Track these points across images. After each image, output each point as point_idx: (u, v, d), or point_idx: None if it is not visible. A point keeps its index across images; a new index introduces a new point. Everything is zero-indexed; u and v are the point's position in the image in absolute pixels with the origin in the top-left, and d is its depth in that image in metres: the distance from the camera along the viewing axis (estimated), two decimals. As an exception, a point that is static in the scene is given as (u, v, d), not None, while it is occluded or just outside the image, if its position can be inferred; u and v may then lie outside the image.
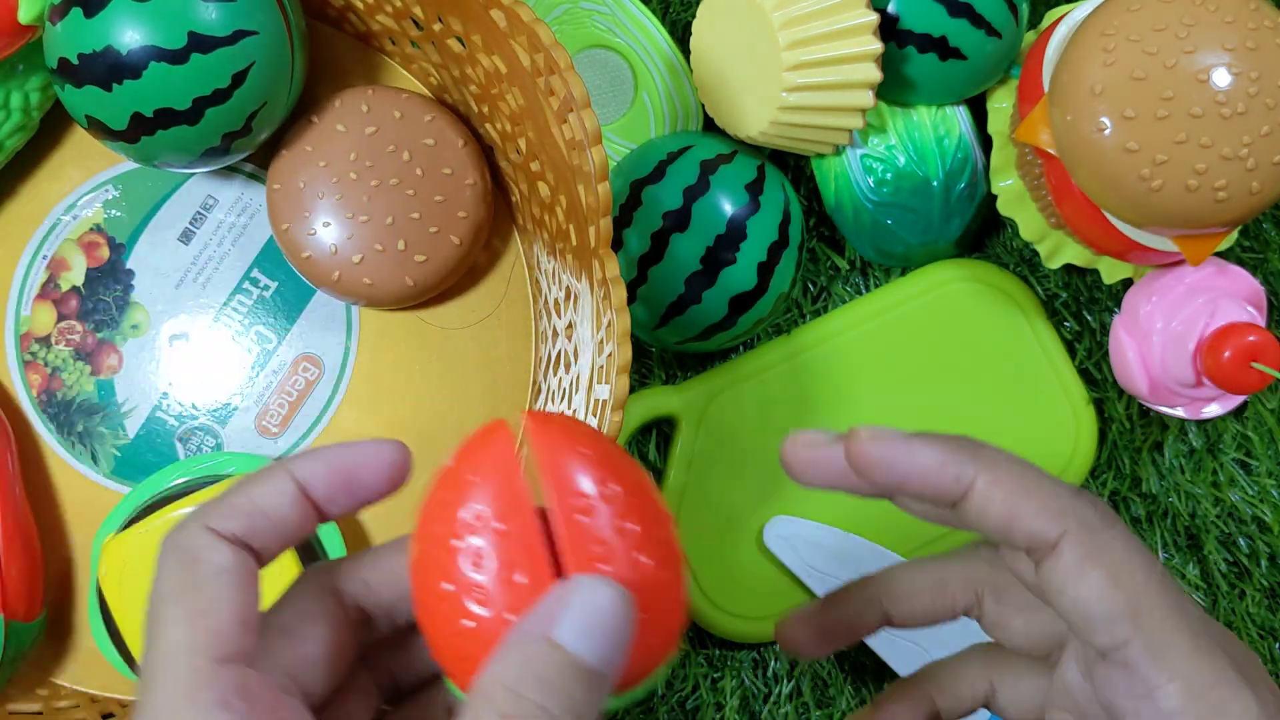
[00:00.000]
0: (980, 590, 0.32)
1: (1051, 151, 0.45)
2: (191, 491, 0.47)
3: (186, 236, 0.52)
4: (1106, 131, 0.41)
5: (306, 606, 0.27)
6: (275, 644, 0.26)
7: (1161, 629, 0.25)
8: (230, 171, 0.52)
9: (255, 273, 0.52)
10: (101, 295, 0.52)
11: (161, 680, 0.24)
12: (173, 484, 0.49)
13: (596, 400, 0.40)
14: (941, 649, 0.52)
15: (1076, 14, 0.47)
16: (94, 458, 0.51)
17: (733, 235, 0.48)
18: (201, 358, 0.52)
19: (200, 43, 0.42)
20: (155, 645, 0.24)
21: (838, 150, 0.51)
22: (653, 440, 0.54)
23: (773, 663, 0.53)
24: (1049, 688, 0.30)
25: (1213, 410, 0.52)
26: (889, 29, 0.48)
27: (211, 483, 0.47)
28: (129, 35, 0.42)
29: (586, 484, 0.24)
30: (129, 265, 0.52)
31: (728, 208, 0.48)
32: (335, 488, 0.26)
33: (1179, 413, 0.52)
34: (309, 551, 0.48)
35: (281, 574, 0.45)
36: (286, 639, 0.26)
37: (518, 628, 0.22)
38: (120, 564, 0.46)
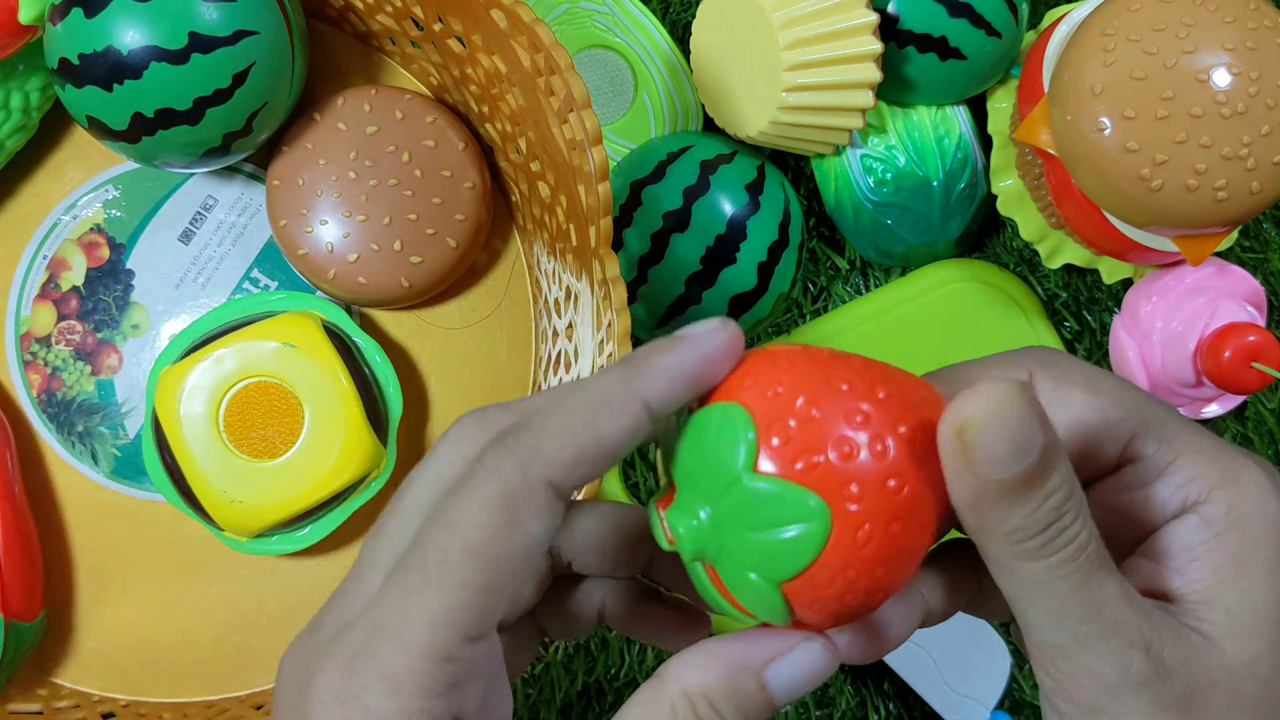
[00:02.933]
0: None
1: (1051, 151, 0.45)
2: (247, 323, 0.48)
3: (186, 236, 0.52)
4: (1106, 131, 0.41)
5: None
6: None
7: (1155, 416, 0.24)
8: (230, 171, 0.52)
9: (255, 273, 0.52)
10: (101, 295, 0.52)
11: (409, 640, 0.21)
12: (229, 320, 0.49)
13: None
14: (942, 650, 0.52)
15: (1076, 14, 0.47)
16: (94, 458, 0.51)
17: (733, 235, 0.48)
18: (201, 358, 0.52)
19: (201, 43, 0.43)
20: (422, 594, 0.21)
21: (838, 150, 0.51)
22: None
23: (773, 663, 0.53)
24: None
25: (1213, 410, 0.53)
26: (889, 29, 0.48)
27: (265, 317, 0.48)
28: (130, 35, 0.42)
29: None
30: (129, 265, 0.52)
31: (728, 208, 0.48)
32: (677, 401, 0.23)
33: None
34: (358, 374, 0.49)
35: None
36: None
37: (737, 649, 0.23)
38: (175, 393, 0.47)
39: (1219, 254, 0.52)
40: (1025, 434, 0.21)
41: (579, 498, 0.37)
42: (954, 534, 0.26)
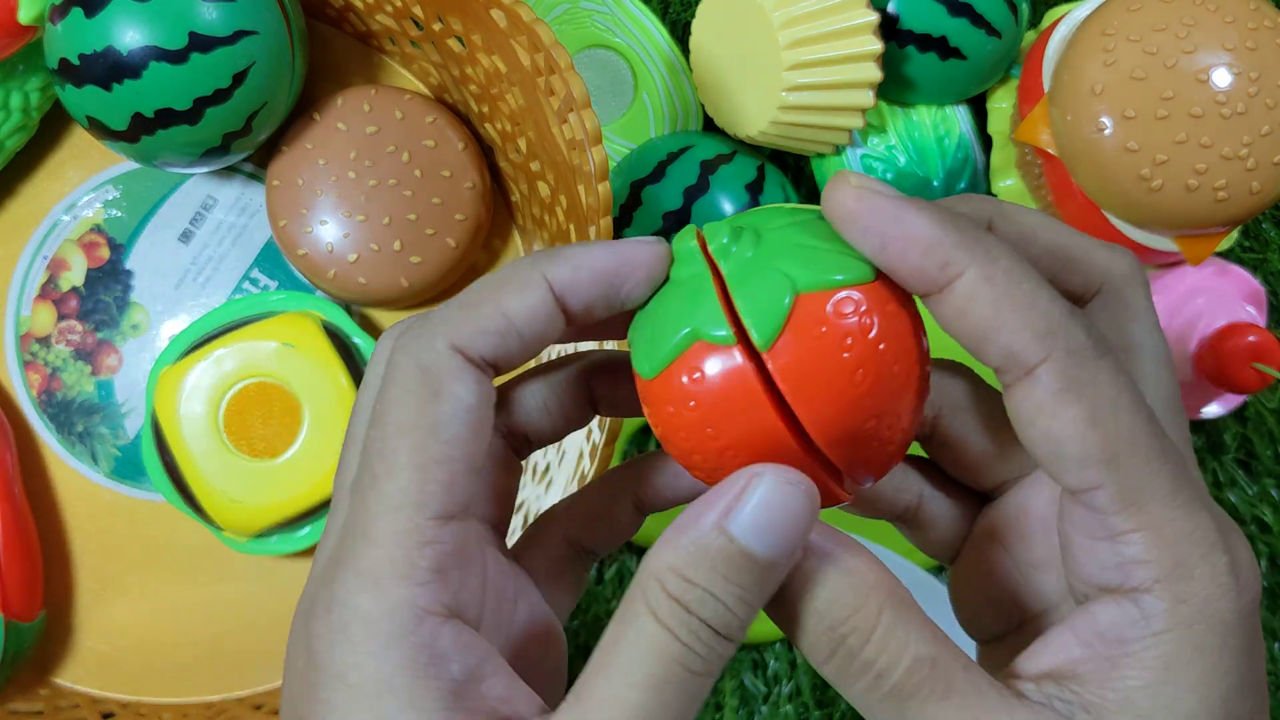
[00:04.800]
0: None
1: (1051, 151, 0.45)
2: (247, 323, 0.48)
3: (186, 236, 0.52)
4: (1106, 131, 0.41)
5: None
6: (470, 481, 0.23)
7: (1138, 477, 0.21)
8: (230, 171, 0.52)
9: (255, 273, 0.52)
10: (101, 295, 0.52)
11: (377, 534, 0.21)
12: (228, 320, 0.49)
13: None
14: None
15: (1076, 14, 0.47)
16: (94, 458, 0.51)
17: (733, 235, 0.48)
18: (201, 358, 0.52)
19: (200, 43, 0.43)
20: (377, 487, 0.22)
21: (838, 150, 0.51)
22: (652, 440, 0.54)
23: (772, 663, 0.53)
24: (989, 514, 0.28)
25: (1213, 410, 0.53)
26: (889, 29, 0.48)
27: (265, 317, 0.49)
28: (129, 35, 0.42)
29: None
30: (129, 265, 0.52)
31: (728, 208, 0.48)
32: (595, 298, 0.23)
33: (1179, 413, 0.52)
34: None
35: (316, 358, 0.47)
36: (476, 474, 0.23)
37: (691, 513, 0.21)
38: (174, 393, 0.47)
39: (1219, 254, 0.52)
40: (788, 530, 0.21)
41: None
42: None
